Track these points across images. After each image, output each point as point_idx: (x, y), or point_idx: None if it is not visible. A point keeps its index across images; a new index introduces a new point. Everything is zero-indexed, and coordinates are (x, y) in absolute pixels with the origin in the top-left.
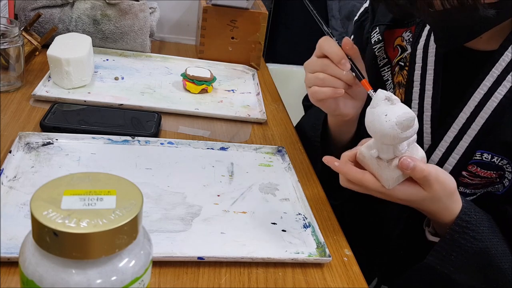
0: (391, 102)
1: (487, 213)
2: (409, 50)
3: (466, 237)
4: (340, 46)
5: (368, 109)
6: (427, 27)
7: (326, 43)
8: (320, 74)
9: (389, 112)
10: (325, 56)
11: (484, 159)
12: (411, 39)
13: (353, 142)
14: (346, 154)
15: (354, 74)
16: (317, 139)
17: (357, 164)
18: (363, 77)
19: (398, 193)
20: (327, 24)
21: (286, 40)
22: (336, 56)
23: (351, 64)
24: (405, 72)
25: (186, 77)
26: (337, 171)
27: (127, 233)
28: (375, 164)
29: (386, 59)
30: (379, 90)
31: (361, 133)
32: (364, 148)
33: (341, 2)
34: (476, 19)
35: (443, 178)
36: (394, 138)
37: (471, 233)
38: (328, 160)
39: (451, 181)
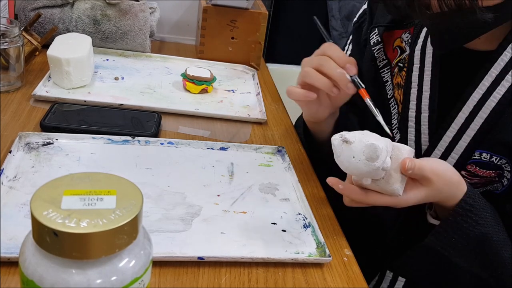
0: (348, 143)
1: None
2: (408, 51)
3: (468, 220)
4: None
5: (335, 159)
6: (425, 28)
7: (330, 47)
8: (307, 68)
9: (353, 153)
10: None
11: (483, 158)
12: (409, 40)
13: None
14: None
15: (353, 81)
16: (301, 136)
17: None
18: (362, 87)
19: (407, 201)
20: (327, 24)
21: (286, 40)
22: (341, 59)
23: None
24: (403, 73)
25: (186, 77)
26: (341, 193)
27: (127, 233)
28: (375, 187)
29: (386, 60)
30: (333, 138)
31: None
32: (355, 178)
33: (341, 2)
34: (474, 22)
35: (439, 169)
36: (374, 170)
37: (474, 217)
38: (332, 182)
39: (449, 170)
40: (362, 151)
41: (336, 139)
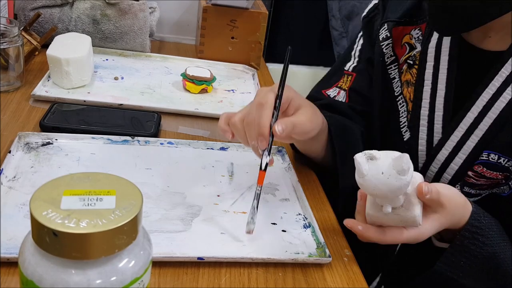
0: (373, 159)
1: (493, 216)
2: (419, 48)
3: (476, 242)
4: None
5: (359, 180)
6: None
7: (261, 106)
8: (235, 121)
9: (382, 168)
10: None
11: (490, 159)
12: (420, 37)
13: (327, 157)
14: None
15: (260, 165)
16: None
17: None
18: (261, 169)
19: (425, 233)
20: (327, 24)
21: (286, 40)
22: (258, 128)
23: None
24: (414, 70)
25: (186, 77)
26: (358, 233)
27: (127, 233)
28: (394, 217)
29: (394, 57)
30: (356, 156)
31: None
32: (371, 211)
33: (341, 2)
34: (473, 4)
35: (448, 193)
36: (404, 186)
37: (480, 238)
38: (351, 225)
39: (456, 193)
40: (392, 165)
41: (360, 157)
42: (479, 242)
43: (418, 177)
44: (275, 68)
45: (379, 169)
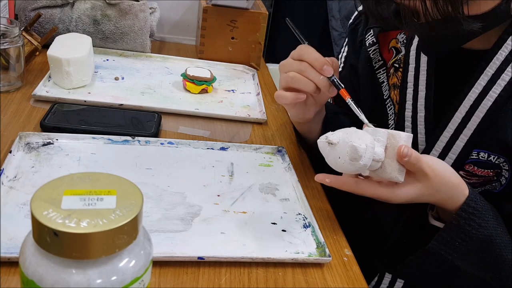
0: (332, 144)
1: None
2: (403, 51)
3: (471, 223)
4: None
5: (326, 160)
6: None
7: (306, 50)
8: (291, 73)
9: (339, 153)
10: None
11: (480, 158)
12: (405, 41)
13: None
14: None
15: (333, 82)
16: (295, 134)
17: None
18: (342, 87)
19: (399, 195)
20: (327, 24)
21: (286, 40)
22: (318, 62)
23: (332, 74)
24: (399, 73)
25: (186, 77)
26: (331, 186)
27: (127, 233)
28: (374, 175)
29: (382, 61)
30: (318, 141)
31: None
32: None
33: (341, 2)
34: (461, 31)
35: (437, 167)
36: (360, 169)
37: (477, 220)
38: (320, 178)
39: (447, 170)
40: (346, 153)
41: (321, 141)
42: (475, 223)
43: (401, 138)
44: (275, 68)
45: (336, 154)
